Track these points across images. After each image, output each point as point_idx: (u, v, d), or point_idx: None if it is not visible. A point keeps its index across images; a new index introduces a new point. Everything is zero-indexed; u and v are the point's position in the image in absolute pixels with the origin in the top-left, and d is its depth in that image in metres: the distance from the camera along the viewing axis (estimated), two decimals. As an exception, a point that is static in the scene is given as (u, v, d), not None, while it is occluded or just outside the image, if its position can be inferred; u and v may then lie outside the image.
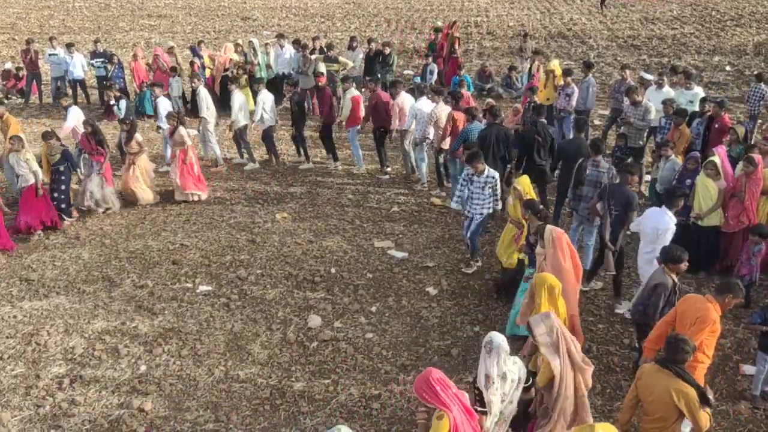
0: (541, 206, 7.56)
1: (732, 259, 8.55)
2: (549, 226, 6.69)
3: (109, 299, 8.49)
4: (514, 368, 4.96)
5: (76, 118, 11.77)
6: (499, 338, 4.89)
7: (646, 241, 7.44)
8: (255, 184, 12.17)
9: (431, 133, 11.20)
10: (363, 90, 13.54)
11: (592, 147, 8.80)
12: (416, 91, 12.02)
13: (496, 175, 8.71)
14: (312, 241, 9.97)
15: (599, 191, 8.20)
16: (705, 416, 4.79)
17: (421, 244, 9.84)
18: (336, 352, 7.44)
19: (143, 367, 7.20)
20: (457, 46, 16.98)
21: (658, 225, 7.26)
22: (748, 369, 7.01)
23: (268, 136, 12.68)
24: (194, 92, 13.00)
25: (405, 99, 11.82)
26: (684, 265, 6.30)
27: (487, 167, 8.65)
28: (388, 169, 12.44)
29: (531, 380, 5.20)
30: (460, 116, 10.55)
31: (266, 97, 12.30)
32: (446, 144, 10.94)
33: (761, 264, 8.02)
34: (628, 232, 8.04)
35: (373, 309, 8.28)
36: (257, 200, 11.46)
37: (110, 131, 13.80)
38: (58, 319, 8.07)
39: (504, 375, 4.88)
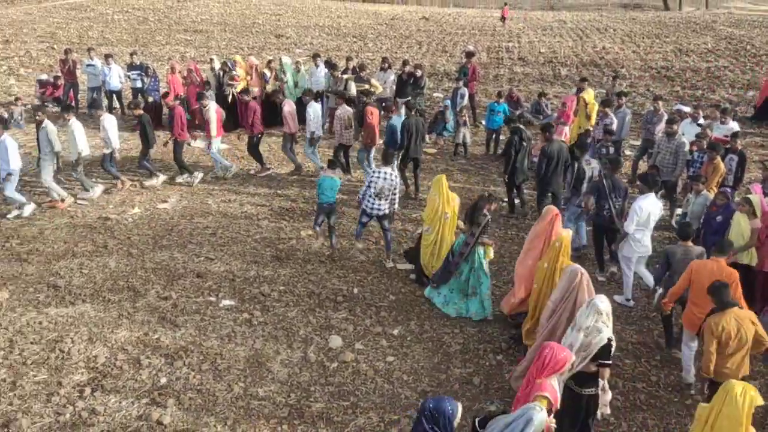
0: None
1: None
2: (549, 206, 7.87)
3: (133, 309, 8.54)
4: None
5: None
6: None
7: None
8: (282, 200, 12.23)
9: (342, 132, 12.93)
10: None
11: (580, 146, 10.42)
12: (307, 97, 13.31)
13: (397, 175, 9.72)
14: (335, 260, 9.96)
15: (590, 185, 9.52)
16: None
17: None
18: (356, 374, 7.38)
19: (163, 380, 7.20)
20: None
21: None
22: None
23: (106, 160, 12.44)
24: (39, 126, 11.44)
25: (291, 106, 13.30)
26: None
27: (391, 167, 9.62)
28: (270, 171, 13.64)
29: None
30: (375, 110, 12.85)
31: (110, 119, 12.29)
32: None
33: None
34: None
35: (395, 332, 8.21)
36: (283, 216, 11.50)
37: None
38: (83, 327, 8.12)
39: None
